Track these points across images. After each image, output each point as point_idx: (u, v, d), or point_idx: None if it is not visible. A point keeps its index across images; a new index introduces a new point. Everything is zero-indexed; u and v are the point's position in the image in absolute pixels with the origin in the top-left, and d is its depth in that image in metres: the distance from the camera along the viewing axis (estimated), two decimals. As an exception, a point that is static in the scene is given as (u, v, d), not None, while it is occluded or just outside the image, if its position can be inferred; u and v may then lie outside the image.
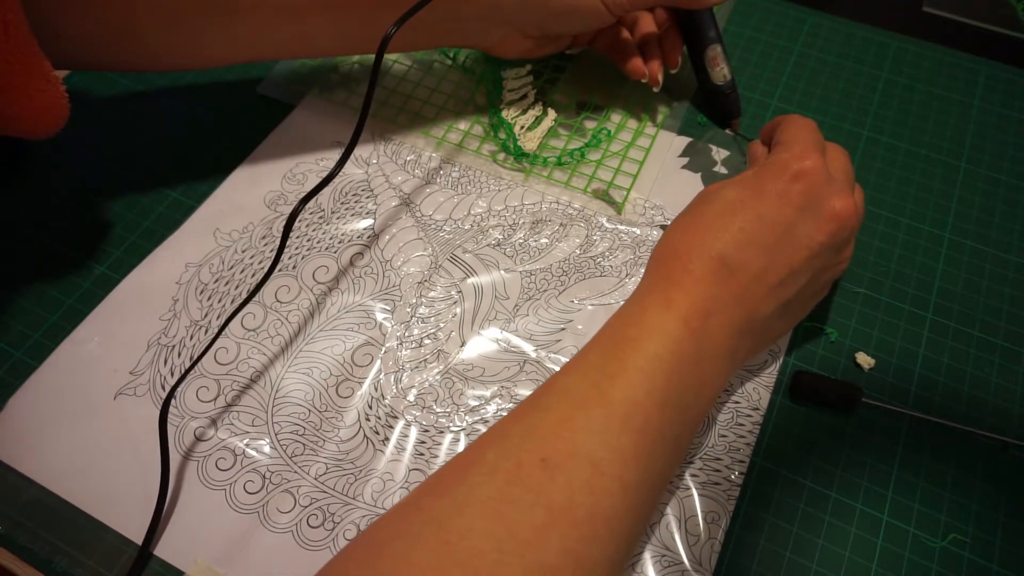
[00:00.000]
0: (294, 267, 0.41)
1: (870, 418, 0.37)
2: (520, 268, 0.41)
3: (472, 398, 0.37)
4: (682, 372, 0.29)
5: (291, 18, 0.39)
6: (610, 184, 0.45)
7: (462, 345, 0.39)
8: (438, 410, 0.37)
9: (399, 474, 0.35)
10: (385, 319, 0.40)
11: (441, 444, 0.36)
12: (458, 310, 0.40)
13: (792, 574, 0.33)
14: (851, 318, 0.40)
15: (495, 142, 0.47)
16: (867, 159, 0.47)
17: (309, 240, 0.42)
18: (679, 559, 0.33)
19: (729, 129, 0.47)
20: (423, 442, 0.36)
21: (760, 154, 0.38)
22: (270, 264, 0.37)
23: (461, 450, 0.35)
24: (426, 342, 0.39)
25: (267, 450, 0.35)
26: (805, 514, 0.35)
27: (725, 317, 0.30)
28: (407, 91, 0.50)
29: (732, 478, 0.35)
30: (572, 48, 0.49)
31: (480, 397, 0.37)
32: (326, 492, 0.34)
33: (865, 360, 0.39)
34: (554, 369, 0.38)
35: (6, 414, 0.37)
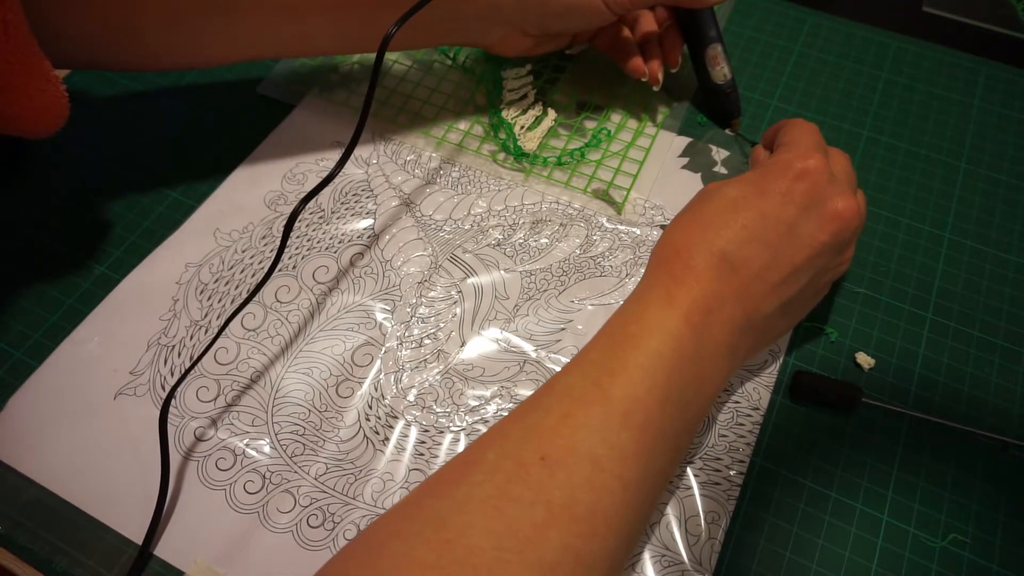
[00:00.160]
0: (294, 267, 0.41)
1: (870, 418, 0.37)
2: (520, 268, 0.41)
3: (472, 398, 0.37)
4: (683, 369, 0.29)
5: (291, 17, 0.39)
6: (610, 184, 0.45)
7: (462, 345, 0.39)
8: (438, 410, 0.37)
9: (399, 474, 0.35)
10: (385, 319, 0.40)
11: (441, 444, 0.36)
12: (458, 310, 0.40)
13: (792, 574, 0.33)
14: (851, 318, 0.40)
15: (495, 142, 0.47)
16: (867, 159, 0.47)
17: (309, 240, 0.42)
18: (679, 559, 0.33)
19: (729, 129, 0.47)
20: (423, 442, 0.36)
21: (763, 157, 0.38)
22: (270, 264, 0.37)
23: (461, 450, 0.35)
24: (426, 342, 0.39)
25: (267, 450, 0.36)
26: (805, 514, 0.35)
27: (726, 314, 0.30)
28: (407, 91, 0.50)
29: (732, 478, 0.35)
30: (572, 48, 0.49)
31: (480, 397, 0.37)
32: (326, 492, 0.34)
33: (865, 360, 0.39)
34: (554, 369, 0.38)
35: (6, 414, 0.37)
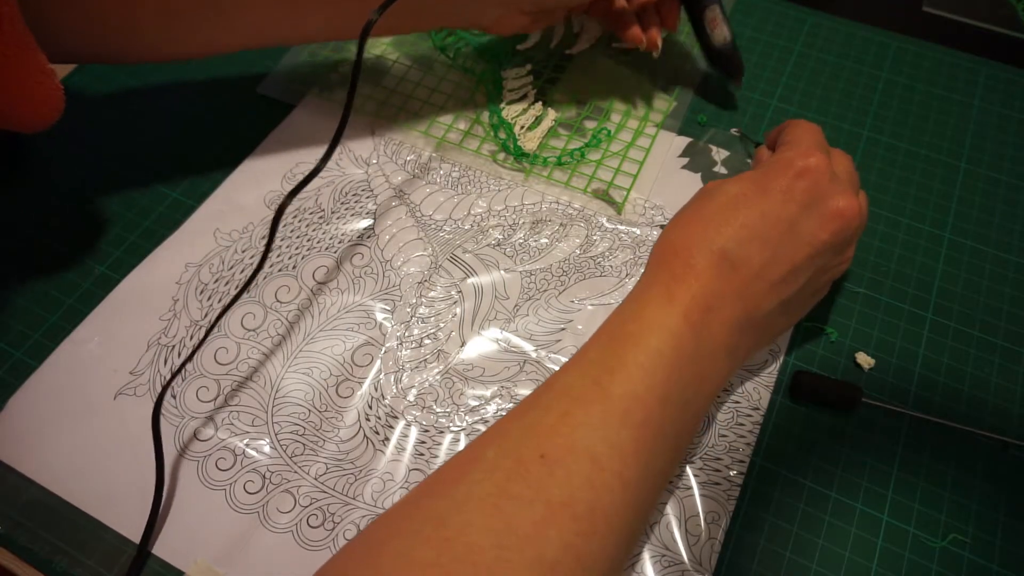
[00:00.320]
0: (294, 267, 0.41)
1: (870, 418, 0.37)
2: (520, 268, 0.41)
3: (472, 398, 0.37)
4: (682, 368, 0.29)
5: (288, 6, 0.39)
6: (610, 184, 0.45)
7: (462, 345, 0.39)
8: (438, 410, 0.37)
9: (399, 474, 0.35)
10: (385, 319, 0.40)
11: (441, 444, 0.36)
12: (458, 310, 0.40)
13: (792, 574, 0.33)
14: (851, 318, 0.40)
15: (495, 142, 0.47)
16: (867, 159, 0.47)
17: (309, 240, 0.42)
18: (679, 559, 0.33)
19: (733, 83, 0.48)
20: (423, 442, 0.36)
21: (766, 157, 0.38)
22: (260, 260, 0.37)
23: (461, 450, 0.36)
24: (426, 342, 0.39)
25: (267, 450, 0.35)
26: (805, 514, 0.35)
27: (726, 312, 0.30)
28: (407, 91, 0.50)
29: (732, 478, 0.35)
30: (572, 48, 0.49)
31: (480, 397, 0.37)
32: (326, 492, 0.34)
33: (865, 360, 0.39)
34: (554, 369, 0.38)
35: (6, 414, 0.37)
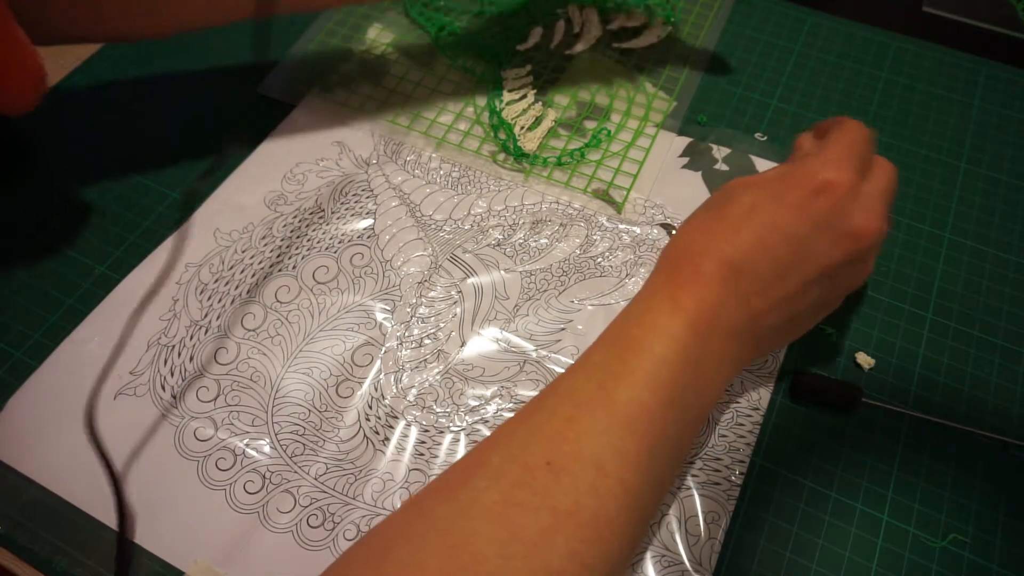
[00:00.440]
0: (294, 267, 0.41)
1: (870, 418, 0.37)
2: (520, 268, 0.41)
3: (472, 398, 0.37)
4: (686, 374, 0.29)
5: None
6: (610, 184, 0.45)
7: (462, 345, 0.39)
8: (438, 410, 0.37)
9: (399, 474, 0.35)
10: (385, 319, 0.40)
11: (441, 444, 0.36)
12: (458, 310, 0.40)
13: (792, 574, 0.33)
14: (851, 318, 0.40)
15: (495, 142, 0.47)
16: (867, 159, 0.47)
17: (309, 240, 0.42)
18: (679, 559, 0.33)
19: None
20: (423, 442, 0.36)
21: (806, 147, 0.35)
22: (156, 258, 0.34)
23: (461, 450, 0.36)
24: (426, 342, 0.39)
25: (267, 450, 0.35)
26: (805, 514, 0.35)
27: (731, 323, 0.30)
28: (407, 91, 0.50)
29: (732, 478, 0.35)
30: (572, 48, 0.49)
31: (480, 397, 0.37)
32: (326, 492, 0.34)
33: (865, 360, 0.39)
34: (554, 369, 0.38)
35: (6, 414, 0.37)
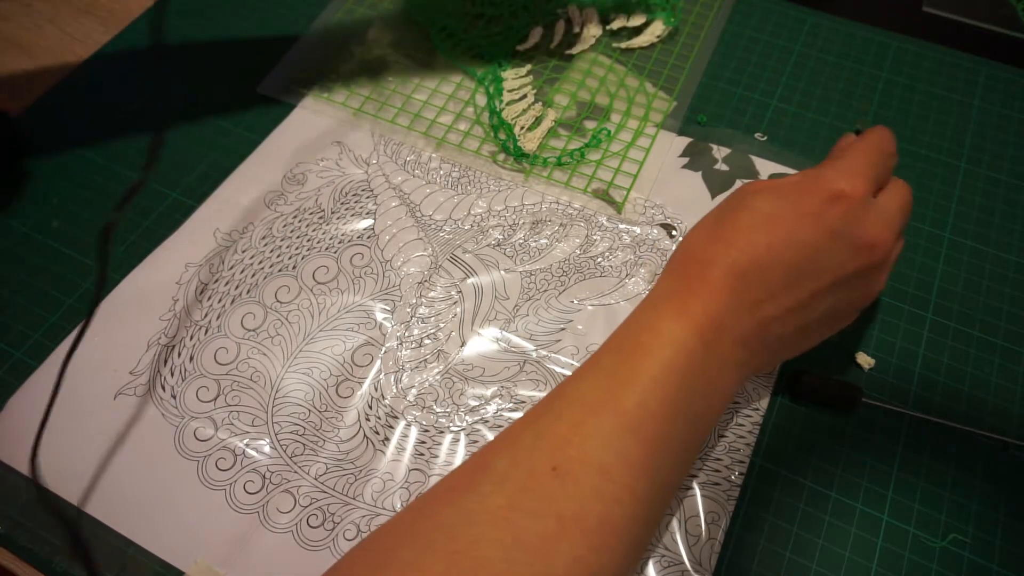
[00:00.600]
0: (294, 267, 0.41)
1: (870, 418, 0.37)
2: (520, 268, 0.41)
3: (472, 398, 0.37)
4: (694, 382, 0.29)
5: None
6: (610, 184, 0.45)
7: (462, 345, 0.39)
8: (438, 410, 0.37)
9: (399, 474, 0.35)
10: (385, 319, 0.40)
11: (441, 444, 0.36)
12: (458, 310, 0.40)
13: (792, 574, 0.33)
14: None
15: (495, 142, 0.47)
16: (867, 159, 0.47)
17: (309, 240, 0.42)
18: (679, 559, 0.33)
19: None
20: (423, 442, 0.36)
21: (843, 147, 0.35)
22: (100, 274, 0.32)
23: (461, 450, 0.36)
24: (426, 342, 0.39)
25: (267, 450, 0.35)
26: (805, 514, 0.35)
27: (739, 331, 0.30)
28: (407, 91, 0.50)
29: (732, 478, 0.35)
30: (572, 48, 0.49)
31: (480, 397, 0.37)
32: (326, 492, 0.34)
33: (865, 360, 0.39)
34: (554, 369, 0.38)
35: (6, 414, 0.37)
